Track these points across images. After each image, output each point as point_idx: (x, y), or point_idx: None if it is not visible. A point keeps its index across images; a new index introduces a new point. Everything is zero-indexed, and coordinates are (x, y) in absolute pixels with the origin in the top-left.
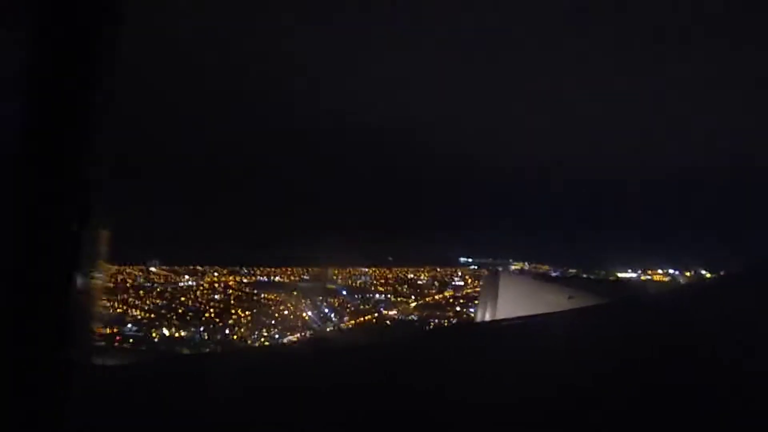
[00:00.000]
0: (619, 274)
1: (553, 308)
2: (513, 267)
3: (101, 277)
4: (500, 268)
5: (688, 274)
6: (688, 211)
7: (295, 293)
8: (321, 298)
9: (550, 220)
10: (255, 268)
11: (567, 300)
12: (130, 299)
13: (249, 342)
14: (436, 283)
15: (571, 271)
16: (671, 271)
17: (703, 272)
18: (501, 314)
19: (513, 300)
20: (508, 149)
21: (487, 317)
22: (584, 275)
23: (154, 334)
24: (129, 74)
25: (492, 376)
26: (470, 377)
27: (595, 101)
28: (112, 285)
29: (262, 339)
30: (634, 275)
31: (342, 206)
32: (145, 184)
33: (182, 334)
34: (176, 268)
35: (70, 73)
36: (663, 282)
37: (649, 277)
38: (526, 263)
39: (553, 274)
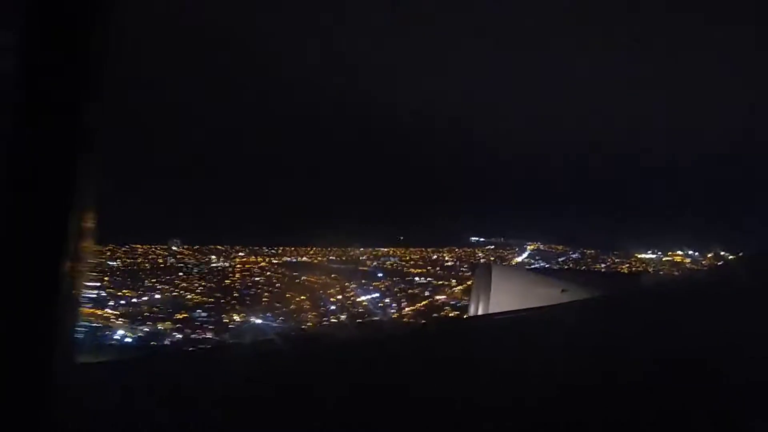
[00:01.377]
0: (639, 255)
1: (546, 301)
2: (528, 247)
3: (92, 263)
4: (516, 248)
5: (708, 255)
6: (710, 192)
7: (334, 276)
8: (364, 281)
9: (569, 200)
10: (277, 248)
11: (560, 293)
12: (176, 281)
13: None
14: (464, 265)
15: (588, 251)
16: (691, 252)
17: (723, 253)
18: (494, 308)
19: (506, 293)
20: (527, 127)
21: (480, 311)
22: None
23: (226, 320)
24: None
25: (485, 372)
26: (463, 373)
27: (615, 95)
28: (147, 265)
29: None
30: (653, 256)
31: (349, 187)
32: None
33: (255, 320)
34: (199, 247)
35: (69, 71)
36: (669, 272)
37: (669, 258)
38: (540, 243)
39: (573, 255)
